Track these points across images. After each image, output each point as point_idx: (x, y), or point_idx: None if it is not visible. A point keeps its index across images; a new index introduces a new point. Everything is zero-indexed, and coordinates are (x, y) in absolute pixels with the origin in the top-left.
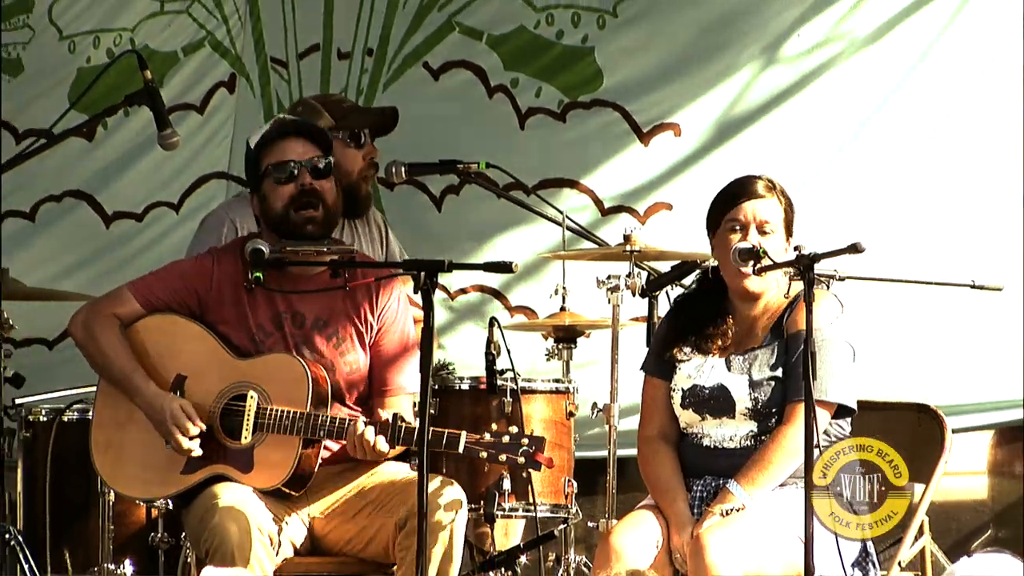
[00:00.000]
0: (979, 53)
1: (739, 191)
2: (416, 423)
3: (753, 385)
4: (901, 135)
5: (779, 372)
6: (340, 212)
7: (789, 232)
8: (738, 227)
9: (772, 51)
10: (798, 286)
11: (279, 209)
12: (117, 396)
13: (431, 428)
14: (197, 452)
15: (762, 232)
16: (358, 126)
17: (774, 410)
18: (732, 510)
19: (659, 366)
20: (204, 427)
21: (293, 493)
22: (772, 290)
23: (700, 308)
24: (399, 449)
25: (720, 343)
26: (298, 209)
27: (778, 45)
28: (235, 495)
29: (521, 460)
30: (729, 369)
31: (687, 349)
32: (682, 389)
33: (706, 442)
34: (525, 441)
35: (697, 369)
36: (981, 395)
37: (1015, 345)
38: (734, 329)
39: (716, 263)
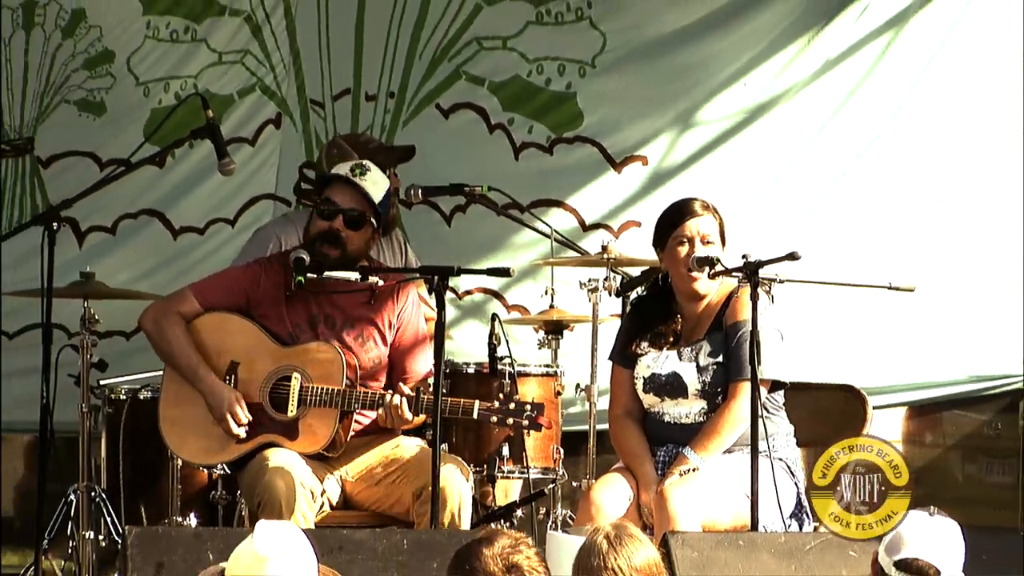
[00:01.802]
0: (901, 91)
1: (683, 210)
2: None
3: (700, 370)
4: (830, 161)
5: (720, 358)
6: (361, 259)
7: (723, 242)
8: (685, 242)
9: (721, 97)
10: (730, 286)
11: (312, 236)
12: (181, 379)
13: (449, 399)
14: (242, 436)
15: (705, 243)
16: (384, 165)
17: (719, 389)
18: (688, 471)
19: (623, 358)
20: (250, 418)
21: (331, 456)
22: (713, 291)
23: (652, 309)
24: (422, 419)
25: (671, 339)
26: (322, 244)
27: (725, 92)
28: (283, 458)
29: (526, 423)
30: (680, 359)
31: (644, 344)
32: (643, 377)
33: (666, 418)
34: (528, 407)
35: (654, 360)
36: (897, 378)
37: (924, 337)
38: (682, 326)
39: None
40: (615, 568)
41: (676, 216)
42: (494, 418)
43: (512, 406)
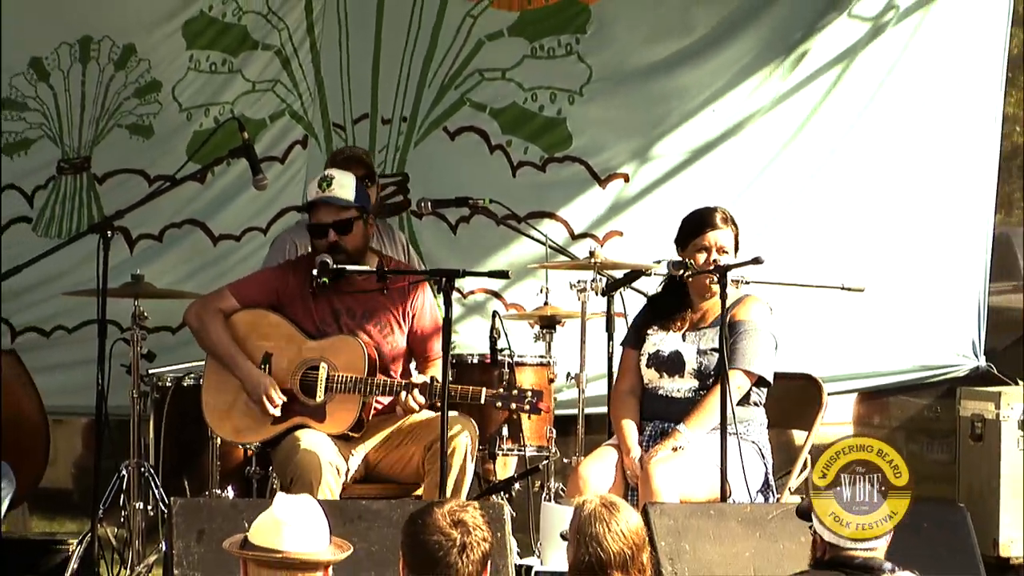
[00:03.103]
0: (852, 115)
1: (706, 221)
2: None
3: (700, 353)
4: (790, 177)
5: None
6: (365, 250)
7: (736, 247)
8: (703, 250)
9: (693, 122)
10: (738, 289)
11: (322, 251)
12: (221, 369)
13: (459, 386)
14: (277, 415)
15: (721, 253)
16: (350, 166)
17: (712, 373)
18: (679, 447)
19: (635, 340)
20: (284, 399)
21: (354, 436)
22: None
23: (667, 300)
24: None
25: (680, 324)
26: (331, 255)
27: (696, 117)
28: (312, 438)
29: (527, 408)
30: (684, 340)
31: (656, 327)
32: (648, 353)
33: (660, 392)
34: (529, 394)
35: (660, 340)
36: (849, 368)
37: (874, 332)
38: (691, 315)
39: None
40: (618, 531)
41: (699, 225)
42: (499, 403)
43: (515, 392)
